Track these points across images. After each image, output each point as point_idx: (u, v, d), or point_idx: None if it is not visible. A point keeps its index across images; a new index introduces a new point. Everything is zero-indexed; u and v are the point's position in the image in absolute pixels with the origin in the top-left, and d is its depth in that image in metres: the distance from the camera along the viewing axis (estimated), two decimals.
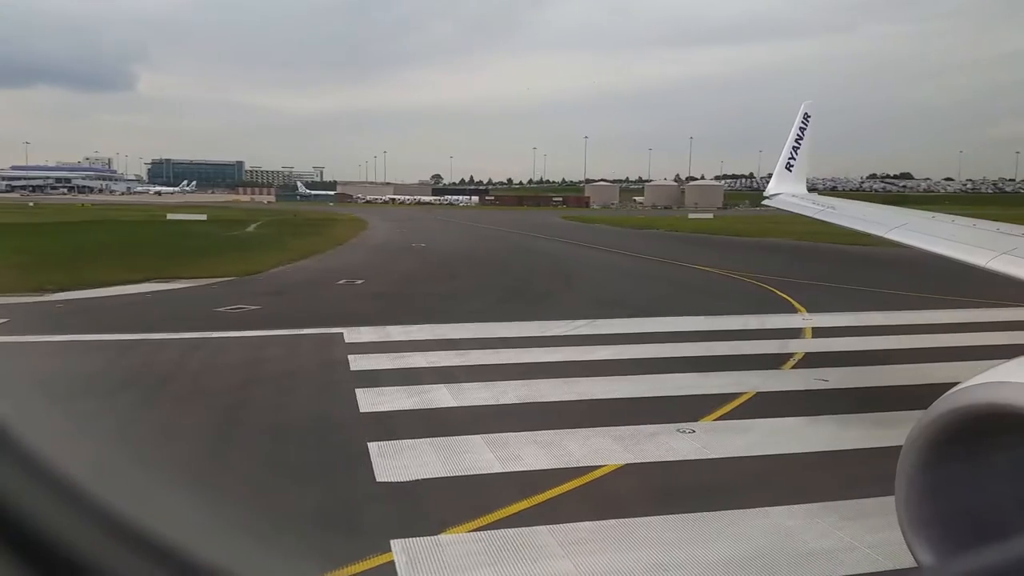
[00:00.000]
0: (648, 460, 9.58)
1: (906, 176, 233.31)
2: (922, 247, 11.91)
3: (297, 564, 5.79)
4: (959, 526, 2.79)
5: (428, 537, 7.35)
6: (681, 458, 9.67)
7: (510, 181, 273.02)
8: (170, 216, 77.40)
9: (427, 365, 14.81)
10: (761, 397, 12.57)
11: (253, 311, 21.66)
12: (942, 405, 2.88)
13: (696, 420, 11.24)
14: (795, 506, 8.06)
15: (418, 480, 8.87)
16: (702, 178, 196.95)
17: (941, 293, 24.98)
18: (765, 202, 19.47)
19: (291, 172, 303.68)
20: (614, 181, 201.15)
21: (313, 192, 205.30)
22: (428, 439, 10.30)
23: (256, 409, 12.04)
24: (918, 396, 2.44)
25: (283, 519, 7.82)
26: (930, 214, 14.18)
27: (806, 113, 19.64)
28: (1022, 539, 0.97)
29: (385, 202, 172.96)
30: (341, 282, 28.63)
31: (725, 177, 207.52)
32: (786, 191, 18.53)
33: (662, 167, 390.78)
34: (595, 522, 7.66)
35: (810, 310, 22.03)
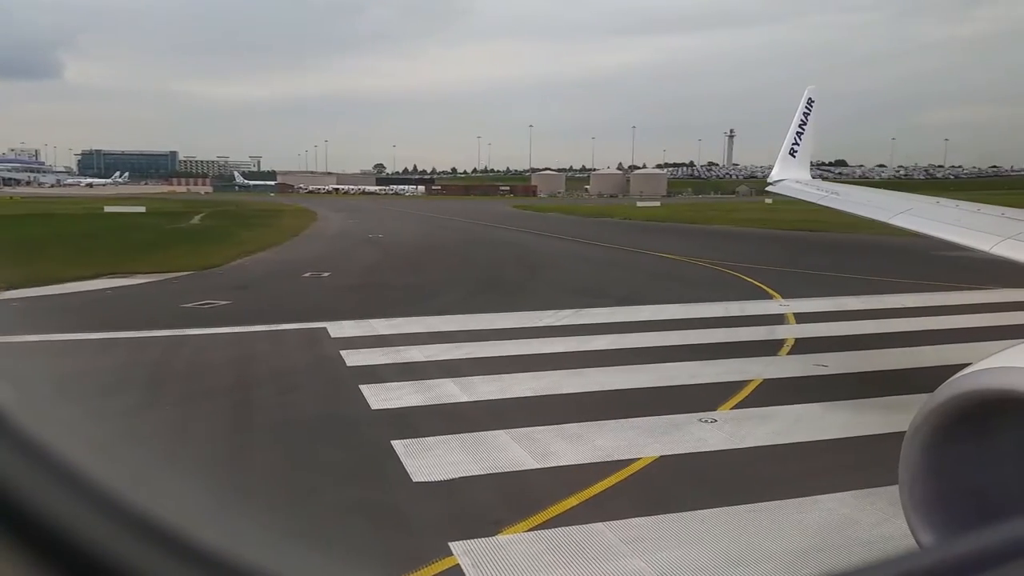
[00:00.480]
0: (681, 452, 9.50)
1: (841, 163, 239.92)
2: (927, 232, 12.02)
3: (355, 570, 5.56)
4: (962, 509, 2.82)
5: (487, 539, 7.13)
6: (713, 448, 9.62)
7: (454, 170, 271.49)
8: (108, 209, 74.47)
9: (425, 359, 14.49)
10: (769, 384, 12.64)
11: (224, 307, 20.96)
12: (948, 390, 2.88)
13: (714, 409, 11.22)
14: (842, 494, 8.07)
15: (455, 479, 8.62)
16: (644, 167, 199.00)
17: (900, 276, 25.70)
18: (769, 188, 19.42)
19: (227, 162, 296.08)
20: (559, 170, 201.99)
21: (252, 182, 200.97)
22: (451, 436, 10.04)
23: (264, 409, 11.58)
24: (919, 379, 2.39)
25: (330, 523, 7.50)
26: (934, 199, 14.21)
27: (810, 98, 19.52)
28: (1021, 519, 0.98)
29: (328, 192, 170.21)
30: (307, 275, 27.97)
31: (667, 165, 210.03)
32: (790, 177, 18.45)
33: (606, 156, 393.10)
34: (651, 517, 7.53)
35: (784, 296, 22.32)
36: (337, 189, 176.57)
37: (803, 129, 19.24)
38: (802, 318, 18.83)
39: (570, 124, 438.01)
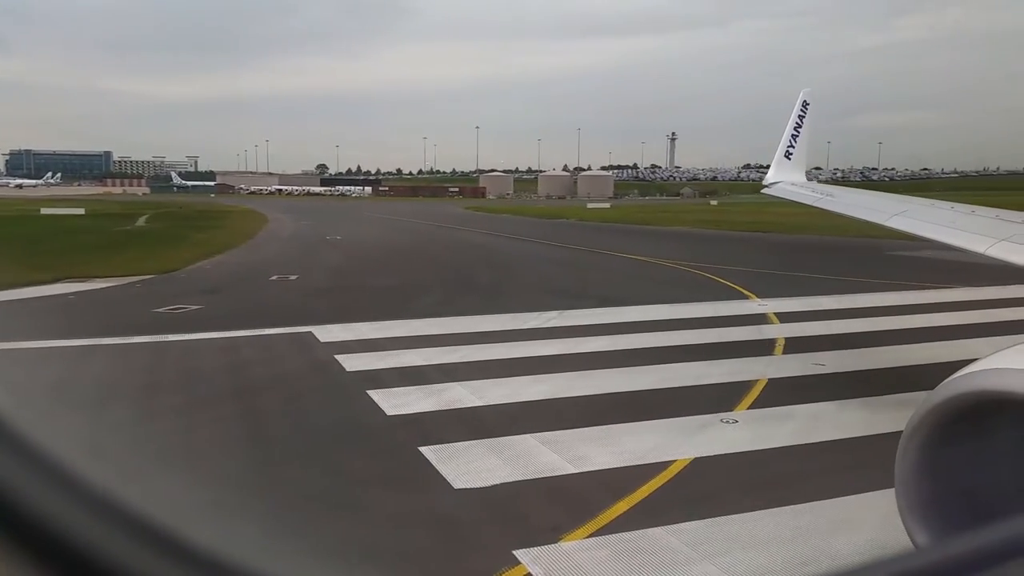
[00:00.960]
0: (714, 453, 9.52)
1: None
2: (923, 234, 12.10)
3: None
4: (957, 509, 2.85)
5: (550, 546, 7.00)
6: (745, 449, 9.67)
7: (399, 171, 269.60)
8: (44, 211, 71.65)
9: (424, 363, 14.27)
10: (775, 384, 12.79)
11: (198, 311, 20.34)
12: (945, 391, 2.93)
13: (731, 410, 11.31)
14: (887, 491, 8.15)
15: (496, 485, 8.47)
16: (588, 168, 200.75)
17: (862, 276, 26.39)
18: (764, 190, 19.43)
19: (163, 162, 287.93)
20: (506, 171, 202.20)
21: (190, 183, 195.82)
22: (478, 441, 9.89)
23: (276, 417, 11.24)
24: (918, 376, 2.48)
25: (390, 537, 7.28)
26: (929, 201, 14.30)
27: (805, 101, 19.58)
28: (1014, 520, 1.00)
29: (271, 193, 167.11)
30: (274, 278, 27.38)
31: (611, 167, 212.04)
32: (785, 179, 18.50)
33: (551, 158, 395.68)
34: (707, 520, 7.50)
35: (759, 296, 22.68)
36: (280, 190, 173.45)
37: (798, 132, 19.30)
38: (784, 318, 19.14)
39: (515, 125, 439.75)
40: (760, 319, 19.10)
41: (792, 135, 19.14)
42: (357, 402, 11.78)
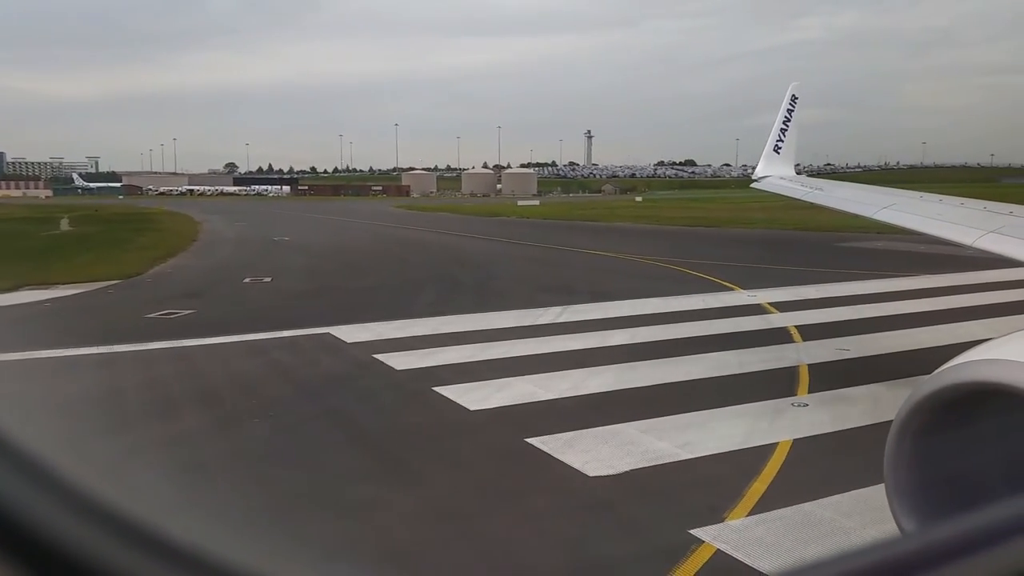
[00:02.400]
0: (809, 434, 10.08)
1: (690, 163, 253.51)
2: (912, 227, 12.32)
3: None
4: (944, 496, 2.93)
5: (719, 525, 7.39)
6: (834, 429, 10.27)
7: (314, 170, 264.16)
8: None
9: (469, 360, 14.44)
10: (815, 369, 13.52)
11: (194, 315, 19.81)
12: (935, 381, 3.04)
13: (795, 394, 11.96)
14: None
15: (627, 472, 8.81)
16: (508, 166, 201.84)
17: (823, 267, 27.75)
18: (754, 185, 19.51)
19: (61, 163, 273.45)
20: (427, 169, 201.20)
21: (94, 185, 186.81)
22: (581, 431, 10.19)
23: (366, 418, 11.27)
24: (936, 358, 3.06)
25: (562, 525, 7.53)
26: (917, 194, 14.39)
27: (793, 95, 19.72)
28: (999, 505, 1.02)
29: (183, 194, 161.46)
30: (247, 280, 26.81)
31: (531, 165, 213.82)
32: (775, 173, 18.67)
33: (471, 156, 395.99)
34: (849, 493, 7.95)
35: (742, 287, 23.60)
36: (192, 190, 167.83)
37: (787, 126, 19.36)
38: (780, 307, 20.04)
39: (433, 123, 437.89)
40: (758, 309, 19.94)
41: (781, 129, 19.26)
42: (432, 400, 11.88)
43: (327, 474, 9.03)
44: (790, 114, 19.36)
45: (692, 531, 7.20)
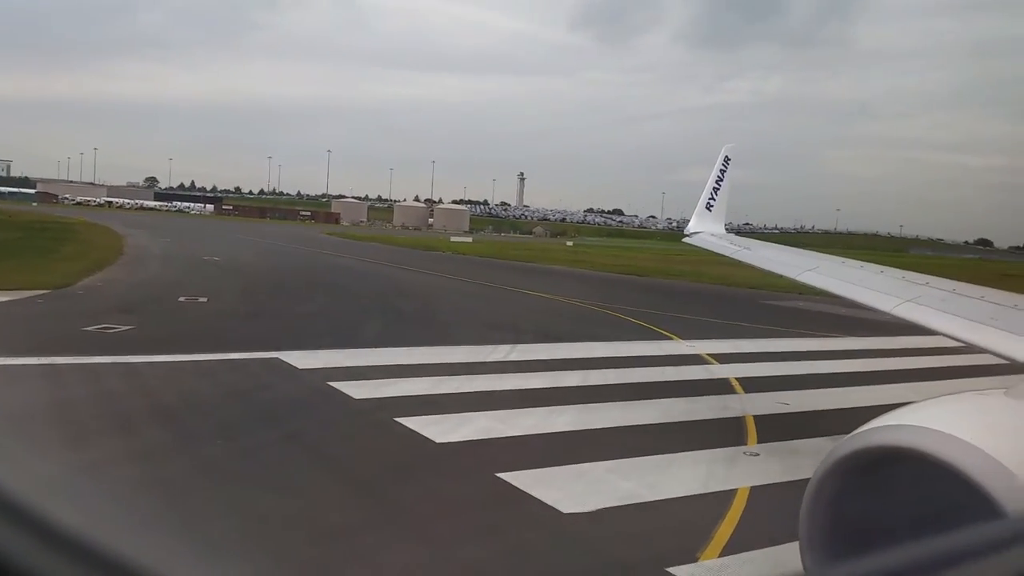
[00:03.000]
0: (766, 482, 10.56)
1: (618, 212, 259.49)
2: (834, 291, 12.51)
3: None
4: (852, 546, 3.17)
5: (692, 564, 7.71)
6: (788, 479, 10.74)
7: (239, 190, 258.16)
8: None
9: (428, 392, 14.52)
10: (759, 420, 14.13)
11: (132, 332, 19.23)
12: (849, 444, 3.28)
13: (745, 443, 12.49)
14: None
15: (600, 509, 9.07)
16: (440, 201, 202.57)
17: (752, 321, 28.91)
18: (685, 240, 20.11)
19: None
20: (358, 198, 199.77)
21: (6, 189, 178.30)
22: (550, 469, 10.42)
23: (331, 445, 11.22)
24: (872, 415, 3.68)
25: (535, 557, 7.70)
26: (839, 259, 14.60)
27: (727, 156, 20.66)
28: (896, 551, 1.06)
29: (100, 205, 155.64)
30: (182, 299, 26.14)
31: (463, 202, 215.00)
32: (705, 230, 19.35)
33: (403, 187, 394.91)
34: None
35: (681, 337, 24.38)
36: (111, 202, 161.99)
37: (719, 185, 20.21)
38: (718, 359, 20.81)
39: (365, 152, 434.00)
40: (698, 359, 20.65)
41: (714, 188, 20.00)
42: (395, 429, 11.91)
43: (299, 499, 8.98)
44: (723, 174, 20.17)
45: (669, 569, 7.49)
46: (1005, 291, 9.57)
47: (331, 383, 14.72)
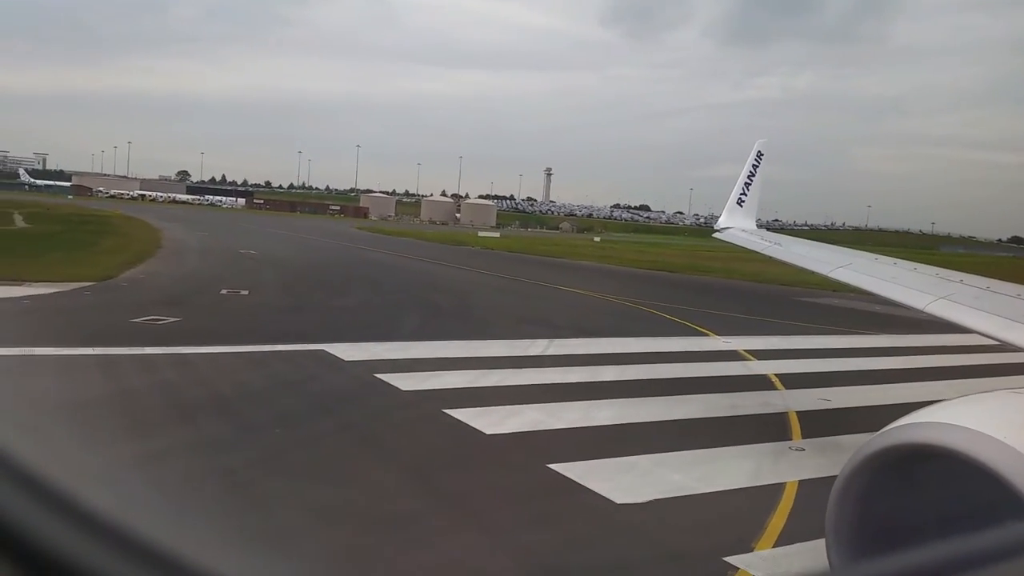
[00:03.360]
0: (814, 476, 10.64)
1: (645, 208, 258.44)
2: (867, 288, 12.42)
3: None
4: (879, 542, 3.20)
5: (748, 554, 7.88)
6: (834, 473, 10.87)
7: (269, 184, 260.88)
8: None
9: (472, 385, 14.80)
10: (803, 416, 14.22)
11: (177, 323, 19.73)
12: (877, 442, 3.34)
13: (790, 439, 12.62)
14: None
15: (652, 501, 9.27)
16: (467, 196, 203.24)
17: (786, 318, 28.84)
18: (716, 235, 19.96)
19: (7, 157, 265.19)
20: (385, 193, 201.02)
21: (43, 182, 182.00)
22: (598, 461, 10.62)
23: (381, 438, 11.55)
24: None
25: (585, 547, 7.93)
26: (873, 256, 14.50)
27: (759, 151, 20.49)
28: (924, 549, 1.05)
29: (134, 198, 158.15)
30: (224, 292, 26.68)
31: (489, 197, 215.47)
32: (736, 226, 19.25)
33: (430, 183, 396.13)
34: None
35: (716, 334, 24.43)
36: (144, 195, 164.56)
37: (751, 180, 20.04)
38: (756, 355, 20.85)
39: (392, 147, 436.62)
40: (736, 356, 20.70)
41: (745, 183, 19.86)
42: (445, 421, 12.20)
43: (360, 487, 9.28)
44: (755, 170, 20.01)
45: (726, 558, 7.68)
46: None
47: (378, 375, 15.04)
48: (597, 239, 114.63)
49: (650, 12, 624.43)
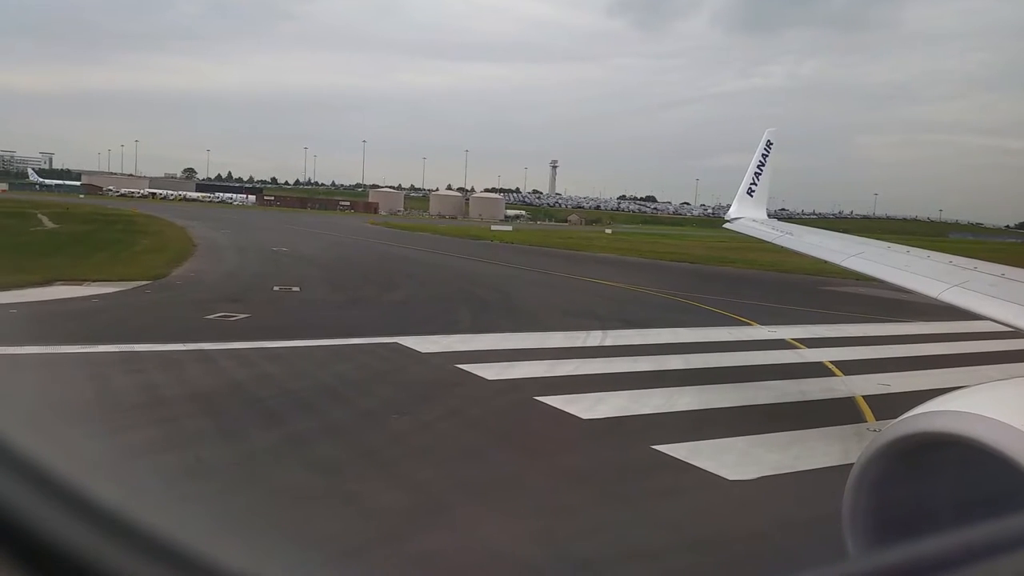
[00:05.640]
0: None
1: (651, 199, 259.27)
2: (880, 276, 12.34)
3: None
4: (895, 530, 3.12)
5: None
6: None
7: (275, 180, 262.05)
8: None
9: (549, 374, 15.57)
10: (869, 400, 14.95)
11: (249, 319, 20.55)
12: (894, 431, 3.28)
13: (865, 421, 13.38)
14: None
15: (762, 477, 10.06)
16: (473, 190, 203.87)
17: (811, 307, 29.51)
18: (726, 226, 20.26)
19: (13, 157, 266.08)
20: (392, 187, 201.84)
21: (53, 182, 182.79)
22: (695, 443, 11.37)
23: (489, 423, 12.36)
24: None
25: (716, 528, 8.70)
26: (886, 244, 14.15)
27: (769, 141, 20.49)
28: (939, 535, 1.04)
29: (144, 196, 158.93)
30: (276, 288, 27.47)
31: (496, 190, 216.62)
32: (747, 216, 19.37)
33: (436, 176, 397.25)
34: None
35: (757, 323, 25.15)
36: (154, 194, 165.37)
37: (761, 170, 20.09)
38: (804, 344, 21.57)
39: (397, 142, 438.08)
40: (785, 344, 21.43)
41: (755, 173, 19.86)
42: (540, 408, 12.99)
43: (491, 466, 10.08)
44: (765, 159, 20.11)
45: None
46: None
47: (459, 366, 15.81)
48: (608, 231, 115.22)
49: (658, 1, 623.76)
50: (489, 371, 15.46)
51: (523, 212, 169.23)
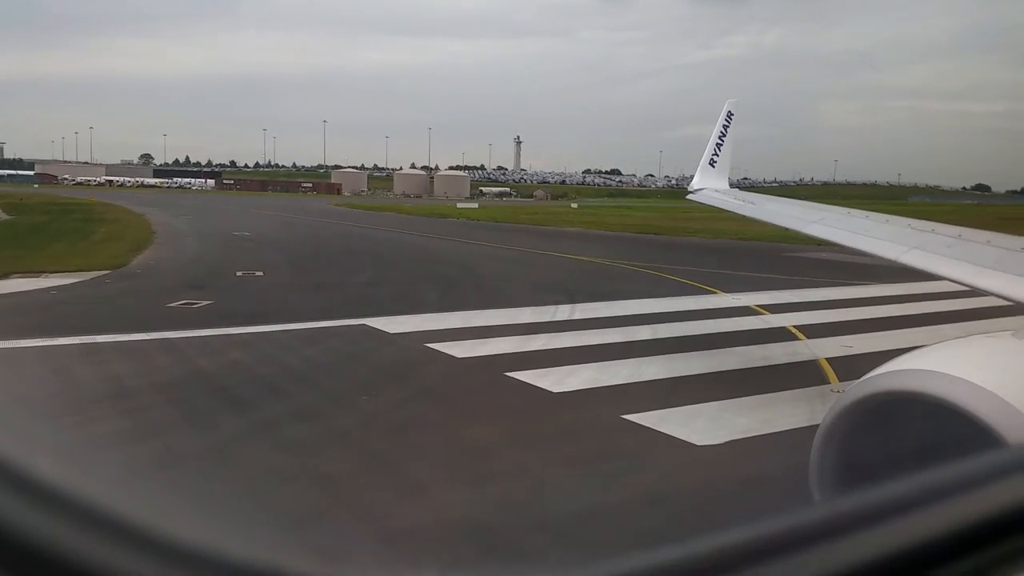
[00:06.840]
0: None
1: (616, 172, 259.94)
2: (841, 242, 12.51)
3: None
4: (860, 481, 3.20)
5: None
6: None
7: (234, 163, 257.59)
8: None
9: (519, 350, 15.63)
10: (832, 362, 15.27)
11: (212, 305, 20.33)
12: (860, 389, 3.45)
13: (828, 383, 13.66)
14: None
15: (731, 441, 10.27)
16: (437, 168, 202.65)
17: (777, 272, 29.94)
18: (690, 197, 20.30)
19: None
20: (355, 168, 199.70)
21: (7, 172, 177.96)
22: (664, 410, 11.56)
23: (462, 401, 12.43)
24: None
25: (702, 488, 8.85)
26: (845, 210, 14.28)
27: (729, 111, 20.62)
28: (899, 480, 1.05)
29: (101, 184, 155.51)
30: (240, 274, 27.16)
31: (460, 168, 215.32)
32: (709, 186, 19.47)
33: (399, 156, 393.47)
34: None
35: (723, 291, 25.45)
36: (111, 181, 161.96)
37: (723, 140, 20.19)
38: (768, 309, 21.91)
39: (359, 121, 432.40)
40: (749, 311, 21.72)
41: (717, 143, 19.98)
42: (511, 383, 13.09)
43: (467, 442, 10.13)
44: (726, 129, 20.23)
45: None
46: (1010, 234, 9.62)
47: (428, 345, 15.83)
48: (575, 205, 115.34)
49: None
50: (459, 349, 15.49)
51: (509, 190, 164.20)
